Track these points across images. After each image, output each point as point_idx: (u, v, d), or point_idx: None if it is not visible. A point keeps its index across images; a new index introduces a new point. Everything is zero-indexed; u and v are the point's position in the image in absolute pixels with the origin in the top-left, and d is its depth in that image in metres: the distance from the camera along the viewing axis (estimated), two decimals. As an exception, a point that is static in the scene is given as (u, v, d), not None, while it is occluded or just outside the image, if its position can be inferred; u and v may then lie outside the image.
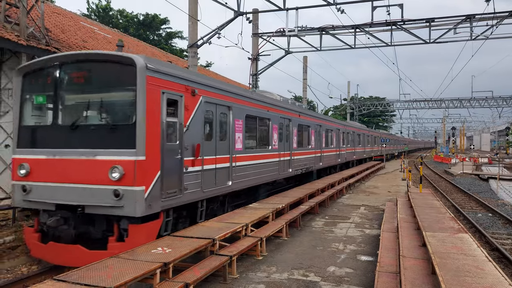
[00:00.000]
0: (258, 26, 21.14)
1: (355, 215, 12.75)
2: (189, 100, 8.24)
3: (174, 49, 41.23)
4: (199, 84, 8.82)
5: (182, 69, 8.84)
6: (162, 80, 7.39)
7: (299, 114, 16.03)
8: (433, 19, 19.32)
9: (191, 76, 8.64)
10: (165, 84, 7.48)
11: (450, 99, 54.05)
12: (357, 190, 19.58)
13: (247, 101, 11.26)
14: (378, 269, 6.28)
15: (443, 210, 10.12)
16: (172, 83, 7.73)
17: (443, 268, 5.34)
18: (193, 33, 15.71)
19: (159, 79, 7.31)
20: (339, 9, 18.19)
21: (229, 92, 10.31)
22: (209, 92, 9.20)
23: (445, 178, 28.92)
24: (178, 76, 7.98)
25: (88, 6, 39.43)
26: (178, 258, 5.91)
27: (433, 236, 7.17)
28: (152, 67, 7.14)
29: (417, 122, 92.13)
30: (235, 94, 10.61)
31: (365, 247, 8.91)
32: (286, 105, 15.07)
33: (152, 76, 7.10)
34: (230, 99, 10.24)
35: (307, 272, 7.13)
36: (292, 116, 15.20)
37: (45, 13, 14.18)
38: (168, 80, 7.57)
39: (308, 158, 17.24)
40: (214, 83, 9.73)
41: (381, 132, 48.32)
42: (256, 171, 11.78)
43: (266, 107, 12.75)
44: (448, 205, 16.55)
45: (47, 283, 4.74)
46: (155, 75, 7.20)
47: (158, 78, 7.30)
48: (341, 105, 55.16)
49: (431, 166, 42.40)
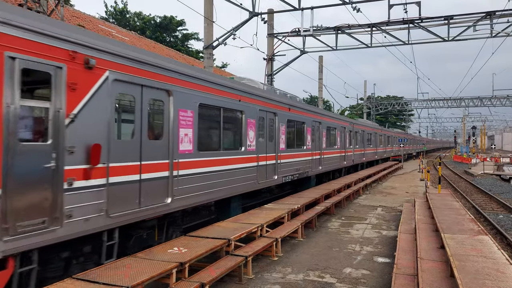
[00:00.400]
0: (273, 26, 21.14)
1: (372, 216, 12.61)
2: (79, 75, 5.38)
3: (190, 51, 41.59)
4: (103, 52, 5.80)
5: (64, 25, 5.61)
6: (9, 37, 4.60)
7: (289, 107, 13.19)
8: (452, 17, 18.95)
9: (84, 37, 5.57)
10: (18, 43, 4.68)
11: (470, 97, 52.86)
12: (374, 191, 19.36)
13: (201, 84, 8.15)
14: (395, 271, 6.20)
15: (462, 212, 9.92)
16: (37, 44, 4.90)
17: (462, 271, 5.24)
18: (208, 35, 15.81)
19: (2, 34, 4.54)
20: (355, 8, 18.03)
21: (168, 70, 7.17)
22: (125, 67, 6.19)
23: (465, 178, 28.30)
24: (50, 33, 5.06)
25: (106, 10, 40.16)
26: (194, 258, 5.97)
27: (451, 238, 7.04)
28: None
29: (436, 122, 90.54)
30: (178, 73, 7.44)
31: (382, 248, 8.81)
32: (271, 95, 12.04)
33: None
34: (170, 79, 7.18)
35: (323, 273, 7.10)
36: (278, 109, 12.27)
37: (65, 17, 14.52)
38: (25, 39, 4.76)
39: (303, 162, 14.44)
40: (137, 53, 6.54)
41: (396, 131, 45.08)
42: (219, 181, 8.80)
43: (237, 96, 9.65)
44: (468, 206, 16.20)
45: (67, 282, 4.85)
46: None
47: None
48: (358, 105, 54.57)
49: (451, 166, 41.57)
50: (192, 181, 7.78)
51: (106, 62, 5.83)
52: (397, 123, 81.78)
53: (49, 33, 5.05)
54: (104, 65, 5.79)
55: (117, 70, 6.02)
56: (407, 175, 28.63)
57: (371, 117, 53.67)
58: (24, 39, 4.75)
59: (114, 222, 5.92)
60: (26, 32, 4.78)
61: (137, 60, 6.40)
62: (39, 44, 4.93)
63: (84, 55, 5.47)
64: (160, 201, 6.87)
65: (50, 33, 5.07)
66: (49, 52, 5.04)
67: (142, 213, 6.48)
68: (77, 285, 4.75)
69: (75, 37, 5.38)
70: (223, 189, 8.99)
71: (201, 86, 8.19)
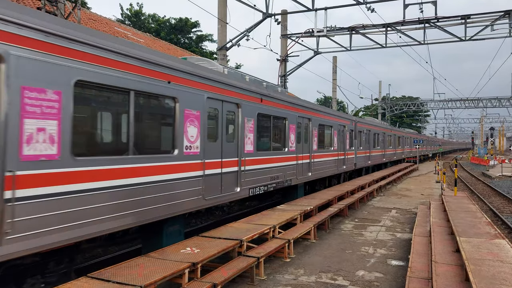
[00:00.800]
0: (286, 27, 21.12)
1: (386, 218, 12.48)
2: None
3: (204, 52, 41.84)
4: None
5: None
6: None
7: (261, 97, 10.27)
8: (469, 16, 18.61)
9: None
10: None
11: (488, 98, 51.79)
12: (388, 193, 19.14)
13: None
14: (409, 274, 6.13)
15: (479, 215, 9.73)
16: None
17: (477, 275, 5.14)
18: (222, 36, 15.90)
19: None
20: (369, 8, 17.88)
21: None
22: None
23: (483, 180, 27.75)
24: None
25: (122, 12, 40.71)
26: (206, 259, 6.00)
27: (467, 241, 6.91)
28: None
29: (452, 123, 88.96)
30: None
31: (396, 251, 8.71)
32: (230, 80, 9.02)
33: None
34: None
35: (336, 276, 7.05)
36: (243, 99, 9.42)
37: (82, 20, 14.77)
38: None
39: (282, 168, 11.47)
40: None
41: (407, 131, 41.50)
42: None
43: (165, 75, 6.82)
44: (485, 209, 15.89)
45: (82, 280, 4.94)
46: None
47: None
48: (372, 105, 54.05)
49: (468, 168, 40.82)
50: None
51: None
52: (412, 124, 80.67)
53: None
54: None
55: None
56: (423, 177, 28.22)
57: (386, 118, 53.08)
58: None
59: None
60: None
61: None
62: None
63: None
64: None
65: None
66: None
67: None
68: (92, 283, 4.83)
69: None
70: (149, 210, 6.92)
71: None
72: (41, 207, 4.75)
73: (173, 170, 7.08)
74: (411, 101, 62.54)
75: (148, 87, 6.44)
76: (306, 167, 13.44)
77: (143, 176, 6.32)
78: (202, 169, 7.86)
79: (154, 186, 6.55)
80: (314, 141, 14.23)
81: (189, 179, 7.49)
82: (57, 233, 4.94)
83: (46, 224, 4.81)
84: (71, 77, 5.14)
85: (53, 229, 4.89)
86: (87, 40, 5.36)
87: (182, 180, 7.26)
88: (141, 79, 6.29)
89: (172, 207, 7.00)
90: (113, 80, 5.77)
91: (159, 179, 6.68)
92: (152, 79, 6.53)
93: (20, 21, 4.55)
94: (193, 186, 7.58)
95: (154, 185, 6.55)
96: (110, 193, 5.69)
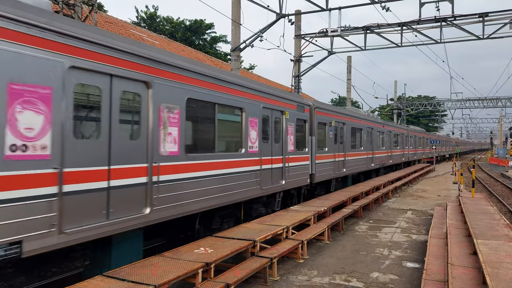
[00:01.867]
0: (300, 28, 21.06)
1: (401, 220, 12.32)
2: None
3: (219, 53, 42.05)
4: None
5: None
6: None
7: (201, 78, 7.70)
8: (487, 14, 18.22)
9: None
10: None
11: (508, 97, 50.60)
12: (404, 194, 18.90)
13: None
14: (425, 277, 6.04)
15: (497, 216, 9.53)
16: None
17: (495, 278, 5.04)
18: (236, 37, 15.95)
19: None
20: (384, 7, 17.70)
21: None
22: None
23: (502, 181, 27.14)
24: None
25: (137, 14, 41.26)
26: (220, 259, 6.04)
27: (485, 244, 6.78)
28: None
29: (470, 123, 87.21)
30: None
31: (411, 253, 8.60)
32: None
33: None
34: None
35: (349, 277, 7.01)
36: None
37: (98, 23, 15.03)
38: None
39: (238, 176, 8.83)
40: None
41: (411, 129, 33.53)
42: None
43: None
44: (504, 211, 15.54)
45: (97, 279, 5.03)
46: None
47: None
48: (388, 105, 53.42)
49: (486, 169, 40.00)
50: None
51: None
52: (429, 124, 79.39)
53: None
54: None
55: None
56: (439, 178, 27.77)
57: (402, 118, 52.39)
58: None
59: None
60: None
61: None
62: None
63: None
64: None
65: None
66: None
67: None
68: (107, 282, 4.92)
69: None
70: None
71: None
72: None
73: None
74: (428, 101, 61.61)
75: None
76: (276, 174, 10.63)
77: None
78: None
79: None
80: (289, 140, 11.31)
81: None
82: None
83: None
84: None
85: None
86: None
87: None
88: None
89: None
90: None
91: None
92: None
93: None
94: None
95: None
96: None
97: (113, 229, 5.66)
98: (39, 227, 4.69)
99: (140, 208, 6.12)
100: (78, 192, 5.18)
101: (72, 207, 5.07)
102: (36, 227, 4.66)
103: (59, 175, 4.91)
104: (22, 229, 4.51)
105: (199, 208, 7.49)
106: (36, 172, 4.68)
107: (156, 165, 6.40)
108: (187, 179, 7.17)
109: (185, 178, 7.13)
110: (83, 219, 5.21)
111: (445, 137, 59.64)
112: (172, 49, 22.06)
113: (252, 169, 9.45)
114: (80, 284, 4.85)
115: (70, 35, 5.09)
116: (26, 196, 4.57)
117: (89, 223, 5.27)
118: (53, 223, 4.83)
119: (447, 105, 55.92)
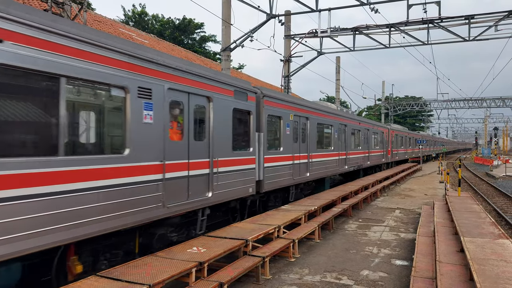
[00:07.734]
0: (290, 28, 21.17)
1: (389, 219, 12.52)
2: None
3: (208, 53, 41.95)
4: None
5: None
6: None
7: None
8: (473, 16, 18.61)
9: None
10: None
11: (492, 98, 51.64)
12: (392, 193, 19.17)
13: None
14: (413, 274, 6.18)
15: (483, 215, 9.77)
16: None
17: (482, 275, 5.19)
18: (226, 37, 15.97)
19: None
20: (373, 9, 17.90)
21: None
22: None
23: (487, 181, 27.70)
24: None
25: (124, 13, 40.90)
26: (213, 258, 6.08)
27: (471, 241, 6.96)
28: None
29: (456, 123, 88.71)
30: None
31: (400, 251, 8.76)
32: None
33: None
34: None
35: (340, 275, 7.12)
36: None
37: (88, 21, 14.89)
38: None
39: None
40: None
41: (393, 128, 31.07)
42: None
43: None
44: (489, 209, 15.89)
45: (91, 279, 5.02)
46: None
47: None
48: (375, 106, 53.99)
49: (471, 168, 40.73)
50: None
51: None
52: (415, 124, 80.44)
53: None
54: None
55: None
56: (426, 177, 28.21)
57: (389, 118, 53.01)
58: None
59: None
60: None
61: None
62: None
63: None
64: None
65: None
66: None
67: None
68: (101, 282, 4.92)
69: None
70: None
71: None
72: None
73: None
74: (415, 101, 62.45)
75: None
76: (203, 182, 8.38)
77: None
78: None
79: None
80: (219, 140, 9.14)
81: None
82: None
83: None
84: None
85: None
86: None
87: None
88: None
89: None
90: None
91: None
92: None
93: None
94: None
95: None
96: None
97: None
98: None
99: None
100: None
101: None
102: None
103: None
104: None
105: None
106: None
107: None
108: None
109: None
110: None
111: (430, 137, 60.37)
112: (161, 49, 21.95)
113: (145, 180, 6.34)
114: (74, 284, 4.84)
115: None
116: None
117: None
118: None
119: (433, 106, 56.82)
